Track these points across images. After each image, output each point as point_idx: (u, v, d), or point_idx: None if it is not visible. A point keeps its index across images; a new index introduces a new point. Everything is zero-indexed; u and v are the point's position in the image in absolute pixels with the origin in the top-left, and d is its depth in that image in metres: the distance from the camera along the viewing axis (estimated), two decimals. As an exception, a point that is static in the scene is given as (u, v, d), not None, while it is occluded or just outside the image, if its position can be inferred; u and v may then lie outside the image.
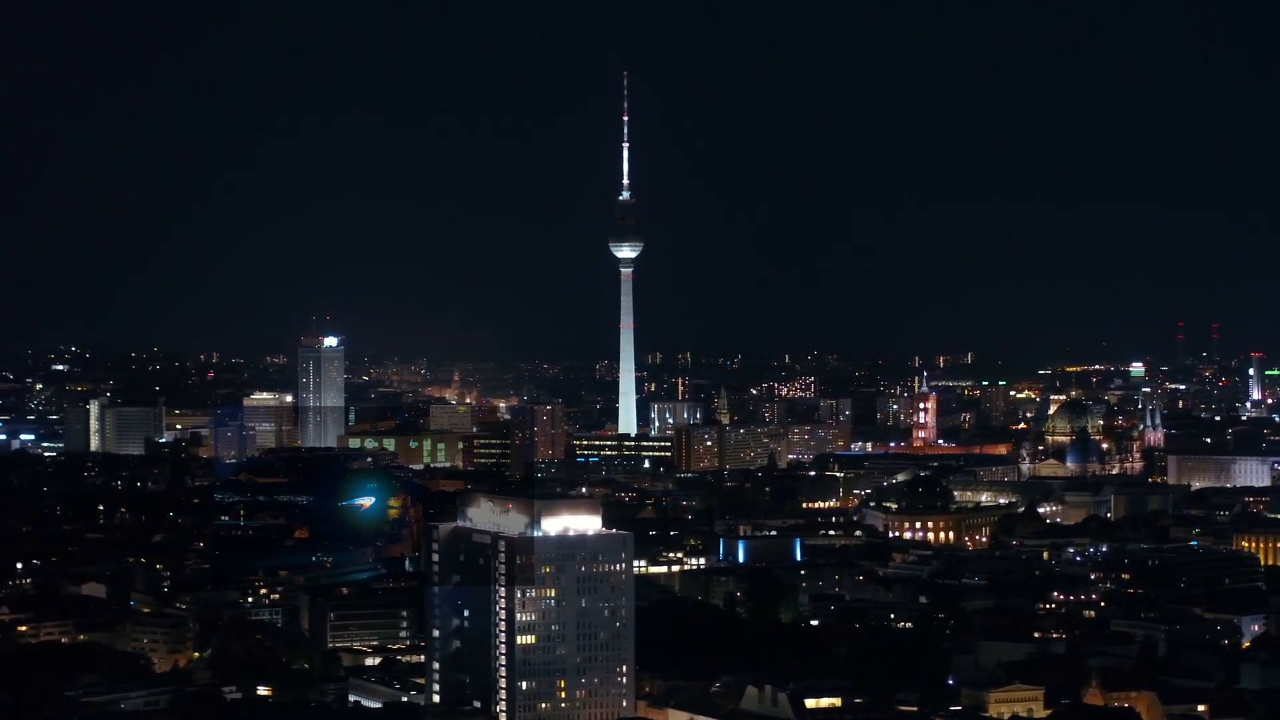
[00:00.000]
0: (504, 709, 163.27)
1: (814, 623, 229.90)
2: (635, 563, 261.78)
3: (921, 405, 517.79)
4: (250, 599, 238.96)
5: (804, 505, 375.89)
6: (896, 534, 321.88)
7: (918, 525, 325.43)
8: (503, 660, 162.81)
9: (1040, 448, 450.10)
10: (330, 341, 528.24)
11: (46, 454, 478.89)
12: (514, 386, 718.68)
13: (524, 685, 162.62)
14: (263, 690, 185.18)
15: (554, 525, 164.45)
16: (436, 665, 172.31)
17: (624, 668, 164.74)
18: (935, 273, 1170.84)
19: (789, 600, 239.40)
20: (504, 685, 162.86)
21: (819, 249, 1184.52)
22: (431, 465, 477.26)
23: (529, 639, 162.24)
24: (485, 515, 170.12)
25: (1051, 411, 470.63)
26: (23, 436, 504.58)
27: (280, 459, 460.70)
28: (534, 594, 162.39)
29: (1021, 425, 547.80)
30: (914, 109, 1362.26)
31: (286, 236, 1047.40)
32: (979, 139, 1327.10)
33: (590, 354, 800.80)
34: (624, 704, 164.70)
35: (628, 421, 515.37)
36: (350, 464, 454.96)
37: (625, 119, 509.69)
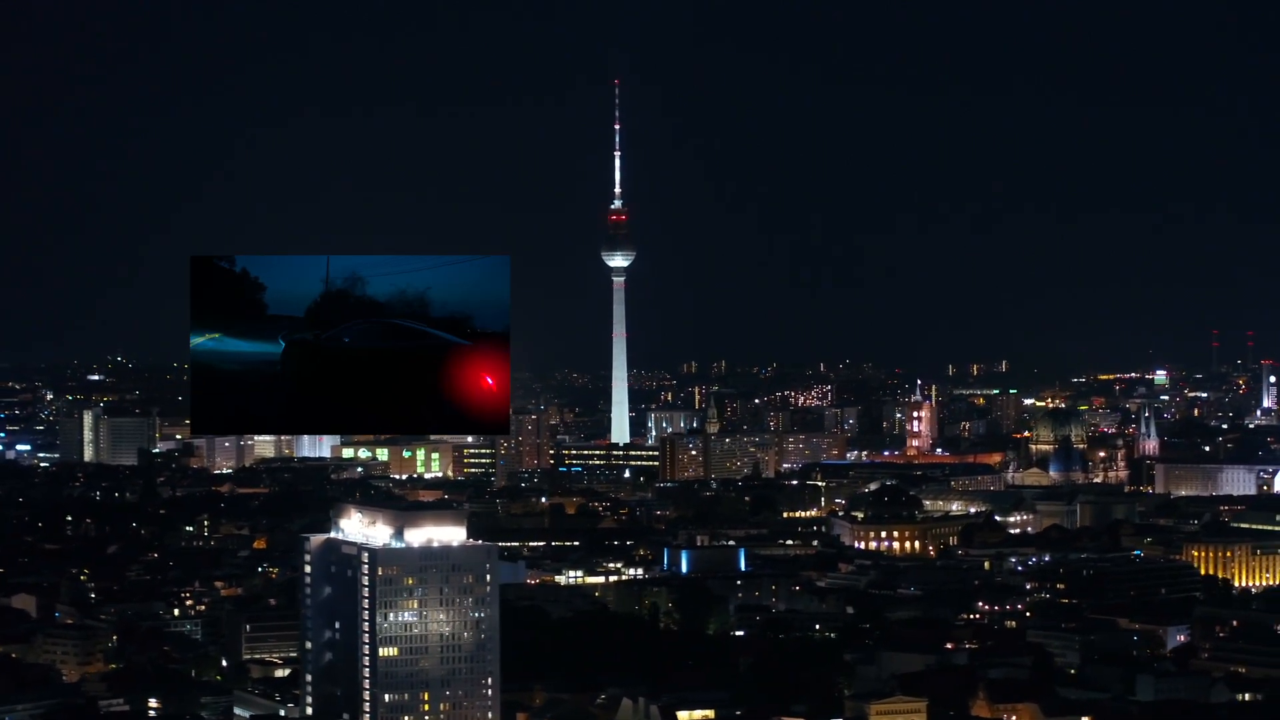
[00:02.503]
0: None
1: (739, 634, 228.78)
2: (572, 573, 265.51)
3: (916, 414, 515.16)
4: (176, 611, 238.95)
5: (784, 515, 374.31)
6: (861, 544, 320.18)
7: (882, 535, 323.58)
8: (367, 673, 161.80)
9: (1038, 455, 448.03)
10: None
11: (42, 464, 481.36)
12: (541, 395, 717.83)
13: (387, 698, 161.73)
14: (153, 703, 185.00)
15: (417, 536, 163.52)
16: (309, 678, 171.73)
17: (489, 680, 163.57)
18: (967, 282, 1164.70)
19: (718, 611, 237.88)
20: (368, 698, 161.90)
21: (841, 255, 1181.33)
22: (424, 475, 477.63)
23: (391, 651, 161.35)
24: (355, 526, 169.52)
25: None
26: (19, 447, 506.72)
27: (268, 470, 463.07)
28: (396, 606, 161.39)
29: (1026, 434, 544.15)
30: (916, 109, 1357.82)
31: (285, 236, 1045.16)
32: (982, 141, 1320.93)
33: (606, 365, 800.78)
34: (489, 716, 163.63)
35: (620, 431, 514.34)
36: (337, 475, 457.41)
37: (617, 127, 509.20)
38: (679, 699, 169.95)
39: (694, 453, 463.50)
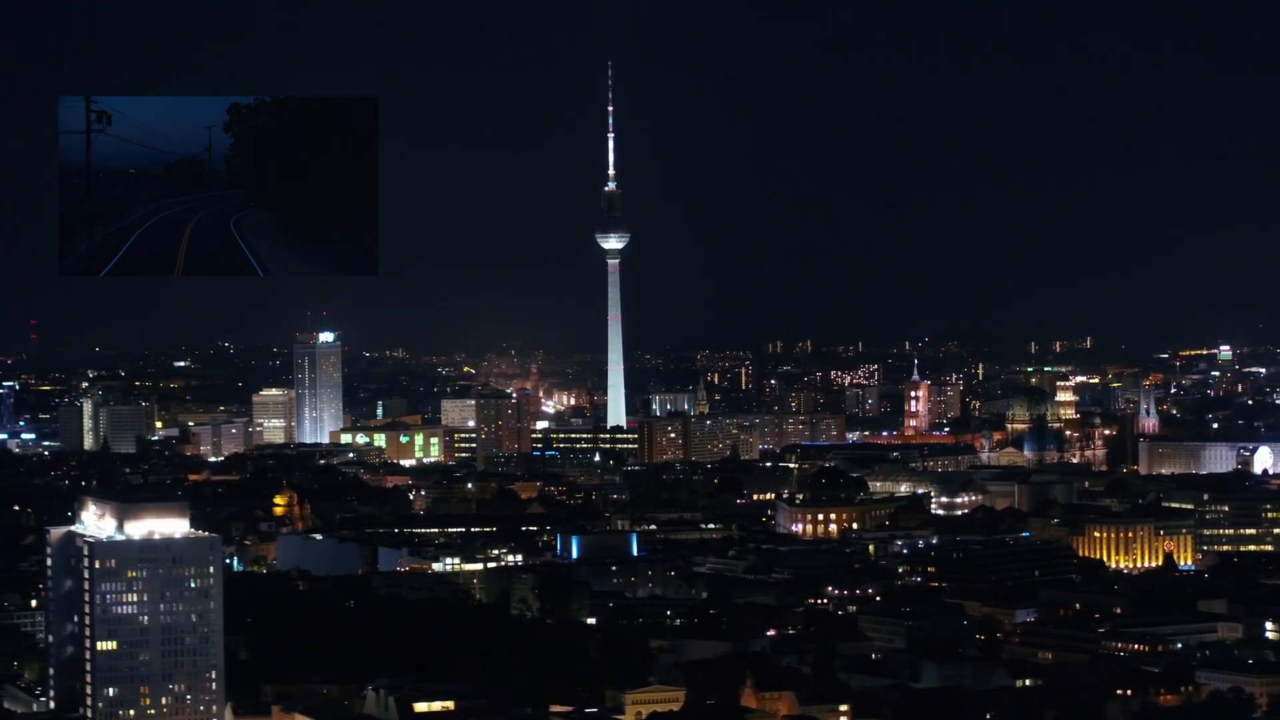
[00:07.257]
0: (91, 716, 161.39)
1: (590, 621, 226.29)
2: (449, 560, 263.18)
3: (912, 394, 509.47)
4: (34, 602, 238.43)
5: (755, 498, 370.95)
6: (799, 526, 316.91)
7: (819, 517, 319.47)
8: (89, 666, 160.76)
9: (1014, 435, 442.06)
10: (326, 337, 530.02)
11: (44, 453, 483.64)
12: (588, 379, 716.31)
13: (109, 692, 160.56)
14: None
15: (138, 529, 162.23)
16: (52, 671, 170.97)
17: (213, 673, 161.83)
18: (1049, 258, 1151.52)
19: (577, 599, 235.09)
20: (90, 692, 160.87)
21: (863, 232, 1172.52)
22: (424, 459, 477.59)
23: (110, 645, 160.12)
24: (91, 519, 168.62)
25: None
26: (24, 435, 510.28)
27: (257, 456, 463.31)
28: (115, 599, 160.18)
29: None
30: (939, 80, 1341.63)
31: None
32: (1040, 110, 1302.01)
33: (684, 346, 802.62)
34: (214, 709, 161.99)
35: (616, 413, 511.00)
36: (328, 460, 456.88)
37: (610, 109, 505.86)
38: (420, 690, 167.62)
39: (673, 435, 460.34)
